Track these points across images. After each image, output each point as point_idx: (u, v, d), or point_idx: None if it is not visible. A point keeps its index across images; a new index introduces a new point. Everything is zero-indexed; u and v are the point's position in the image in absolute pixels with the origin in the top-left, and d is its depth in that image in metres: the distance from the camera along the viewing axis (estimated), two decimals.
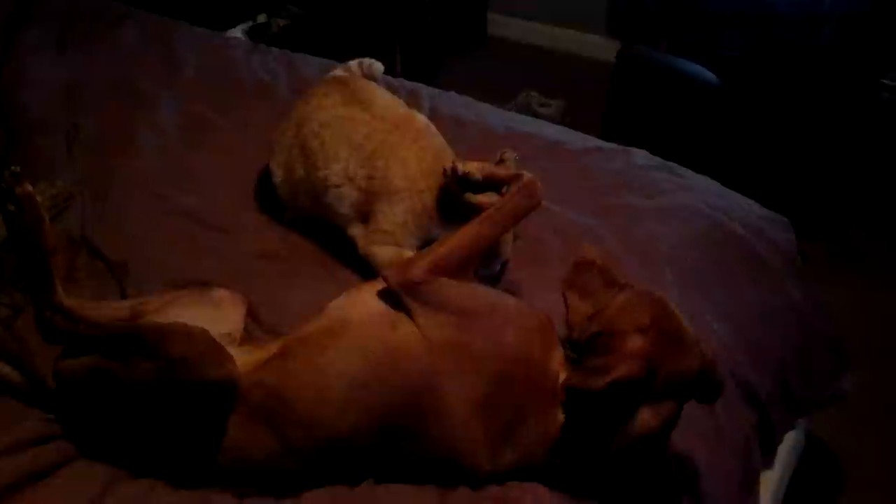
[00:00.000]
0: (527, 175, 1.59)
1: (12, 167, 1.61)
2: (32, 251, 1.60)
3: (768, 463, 1.90)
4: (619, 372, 1.28)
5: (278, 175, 1.92)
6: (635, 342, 1.32)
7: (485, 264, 1.69)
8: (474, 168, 1.64)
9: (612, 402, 1.30)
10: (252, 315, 1.69)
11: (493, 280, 1.72)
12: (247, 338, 1.59)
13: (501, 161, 2.01)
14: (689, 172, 2.16)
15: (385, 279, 1.47)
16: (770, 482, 1.93)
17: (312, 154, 1.84)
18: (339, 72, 2.08)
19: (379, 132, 1.81)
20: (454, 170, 1.65)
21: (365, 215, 1.79)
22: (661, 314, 1.37)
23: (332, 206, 1.82)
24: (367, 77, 2.06)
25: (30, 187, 1.60)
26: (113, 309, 1.61)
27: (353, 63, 2.10)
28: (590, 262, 1.48)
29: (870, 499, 2.47)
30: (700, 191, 2.09)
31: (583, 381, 1.31)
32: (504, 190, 1.60)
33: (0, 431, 1.43)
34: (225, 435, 1.39)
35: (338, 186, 1.80)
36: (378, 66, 2.10)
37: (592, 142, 2.26)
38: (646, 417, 1.33)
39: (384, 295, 1.48)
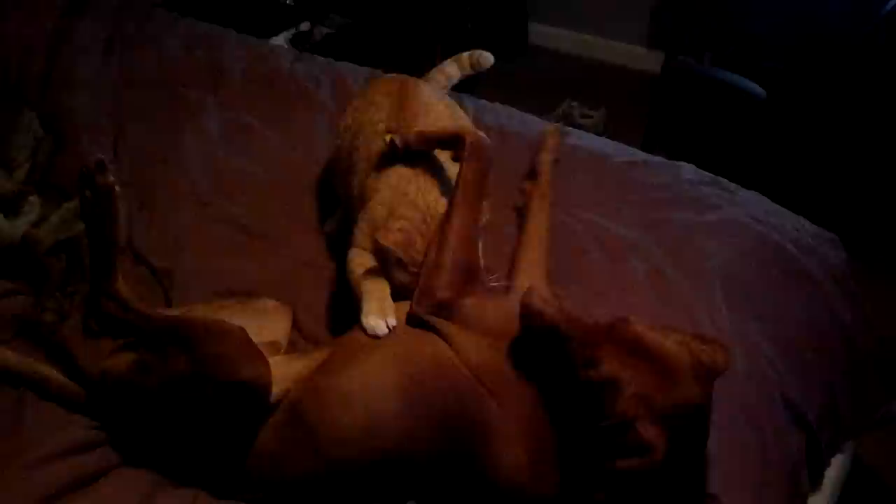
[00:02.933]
0: (468, 135, 1.58)
1: (99, 156, 1.62)
2: (101, 239, 1.60)
3: (815, 487, 1.86)
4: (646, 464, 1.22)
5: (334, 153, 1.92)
6: (647, 432, 1.22)
7: None
8: (412, 139, 1.63)
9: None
10: (295, 324, 1.68)
11: None
12: (291, 348, 1.59)
13: (544, 137, 2.07)
14: (738, 188, 2.12)
15: (412, 312, 1.45)
16: None
17: (348, 157, 1.81)
18: (448, 63, 2.11)
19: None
20: (393, 144, 1.64)
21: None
22: (646, 370, 1.26)
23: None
24: (474, 68, 2.09)
25: (112, 179, 1.60)
26: (164, 315, 1.61)
27: (465, 55, 2.11)
28: (538, 313, 1.30)
29: None
30: (749, 206, 2.05)
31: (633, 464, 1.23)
32: (453, 155, 1.61)
33: (44, 438, 1.44)
34: (265, 443, 1.39)
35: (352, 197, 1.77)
36: (487, 58, 2.11)
37: (638, 155, 2.23)
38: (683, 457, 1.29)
39: (414, 321, 1.46)
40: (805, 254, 1.98)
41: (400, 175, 1.64)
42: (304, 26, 3.70)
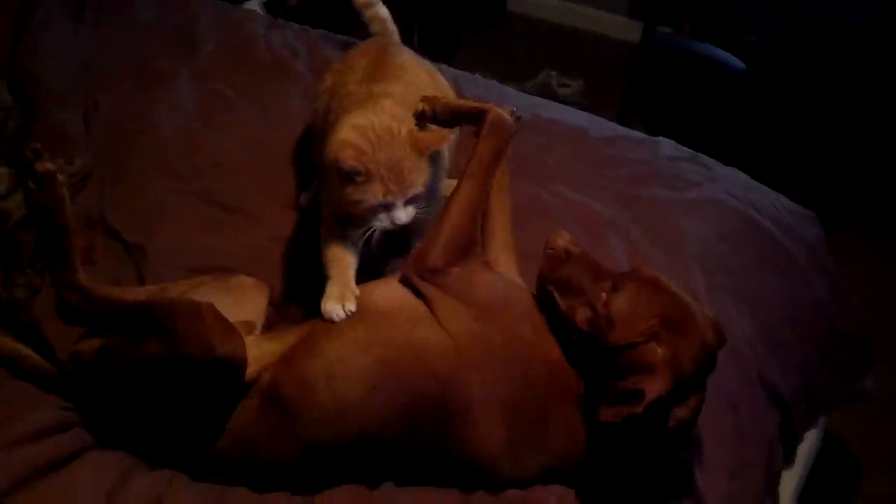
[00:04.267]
0: (491, 111, 1.56)
1: (33, 144, 1.59)
2: (52, 230, 1.59)
3: (788, 462, 1.88)
4: (652, 394, 1.24)
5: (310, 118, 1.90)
6: (655, 354, 1.27)
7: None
8: (439, 108, 1.60)
9: (647, 417, 1.26)
10: (271, 301, 1.67)
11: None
12: (268, 325, 1.57)
13: None
14: (717, 164, 2.12)
15: (404, 274, 1.46)
16: (790, 480, 1.91)
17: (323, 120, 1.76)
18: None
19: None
20: (423, 112, 1.61)
21: None
22: (665, 305, 1.32)
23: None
24: None
25: (51, 165, 1.58)
26: (133, 294, 1.59)
27: None
28: (563, 251, 1.40)
29: (887, 496, 2.45)
30: (728, 183, 2.05)
31: (618, 413, 1.26)
32: (474, 130, 1.58)
33: (18, 419, 1.41)
34: (241, 424, 1.38)
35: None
36: None
37: (618, 130, 2.22)
38: (679, 415, 1.30)
39: (405, 284, 1.47)
40: (783, 231, 1.99)
41: (352, 116, 1.59)
42: None
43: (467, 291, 1.43)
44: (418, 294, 1.44)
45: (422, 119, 1.60)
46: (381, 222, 1.52)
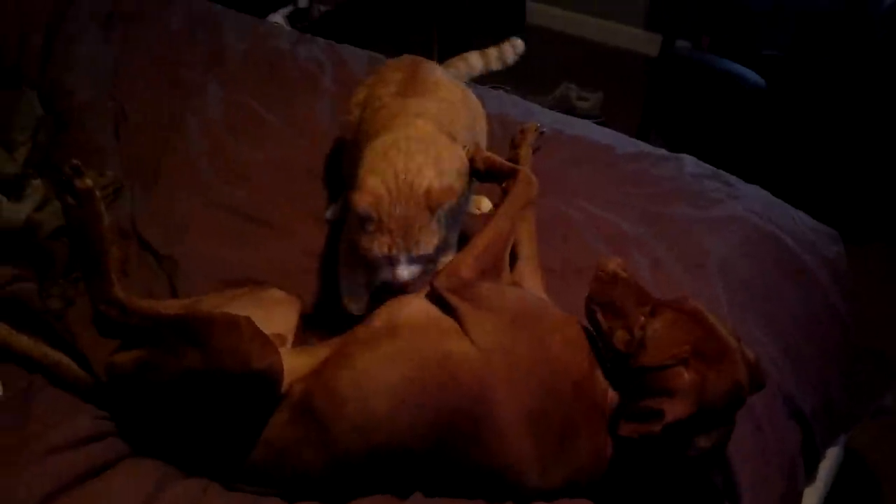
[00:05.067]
0: (523, 170, 1.65)
1: (73, 160, 1.61)
2: (90, 245, 1.61)
3: (810, 478, 1.89)
4: (671, 416, 1.26)
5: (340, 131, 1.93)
6: (681, 378, 1.29)
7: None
8: (480, 160, 1.70)
9: (666, 439, 1.28)
10: (301, 314, 1.69)
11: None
12: (298, 340, 1.59)
13: (522, 132, 2.05)
14: (739, 181, 2.14)
15: (433, 286, 1.49)
16: (811, 497, 1.92)
17: (355, 132, 1.79)
18: (473, 53, 2.15)
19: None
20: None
21: None
22: (701, 334, 1.34)
23: None
24: (504, 61, 2.16)
25: (90, 182, 1.60)
26: (167, 307, 1.61)
27: (492, 49, 2.17)
28: (613, 275, 1.43)
29: None
30: (749, 200, 2.07)
31: (636, 430, 1.29)
32: (503, 185, 1.66)
33: (55, 428, 1.43)
34: (274, 435, 1.40)
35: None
36: (517, 45, 2.21)
37: (641, 147, 2.24)
38: (700, 444, 1.32)
39: (433, 298, 1.49)
40: (804, 248, 2.00)
41: (384, 141, 1.61)
42: (303, 3, 3.67)
43: (496, 305, 1.46)
44: (446, 307, 1.47)
45: (474, 172, 1.70)
46: (384, 275, 1.53)
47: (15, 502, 1.31)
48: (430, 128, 1.62)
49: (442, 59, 2.11)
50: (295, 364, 1.44)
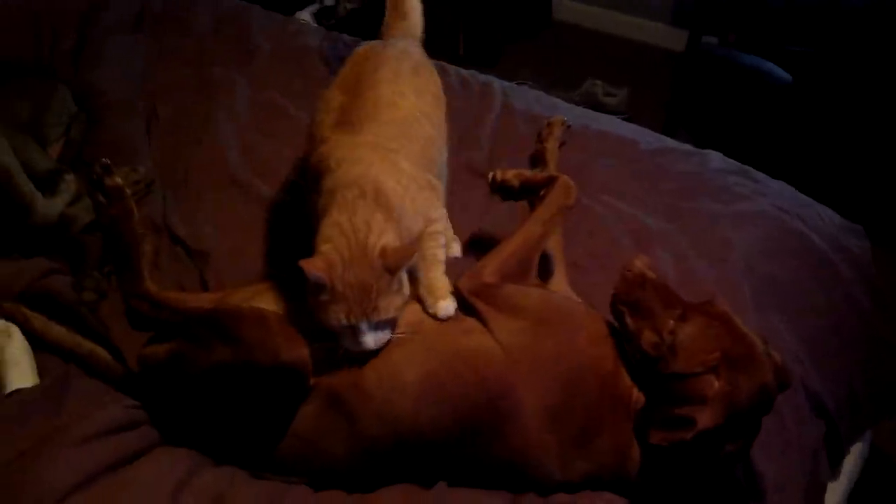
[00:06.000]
0: (561, 177, 1.63)
1: (103, 159, 1.65)
2: (120, 241, 1.64)
3: (834, 475, 1.89)
4: (702, 424, 1.28)
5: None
6: (712, 386, 1.30)
7: None
8: (511, 176, 1.69)
9: (696, 446, 1.30)
10: None
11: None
12: None
13: (549, 126, 2.06)
14: (765, 177, 2.14)
15: (457, 288, 1.50)
16: (835, 494, 1.92)
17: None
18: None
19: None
20: (494, 177, 1.70)
21: None
22: (730, 341, 1.35)
23: None
24: None
25: (120, 180, 1.64)
26: (197, 300, 1.64)
27: None
28: (640, 275, 1.43)
29: None
30: (775, 197, 2.07)
31: (666, 437, 1.31)
32: (541, 192, 1.64)
33: (88, 417, 1.47)
34: (302, 427, 1.43)
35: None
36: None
37: (667, 142, 2.24)
38: (727, 448, 1.33)
39: (457, 298, 1.51)
40: (829, 244, 2.00)
41: (330, 193, 1.49)
42: (329, 1, 3.69)
43: (520, 305, 1.48)
44: (469, 308, 1.48)
45: (506, 192, 1.70)
46: (347, 343, 1.41)
47: (49, 488, 1.35)
48: (375, 166, 1.50)
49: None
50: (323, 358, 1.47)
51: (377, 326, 1.40)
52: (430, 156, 1.65)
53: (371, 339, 1.40)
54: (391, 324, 1.43)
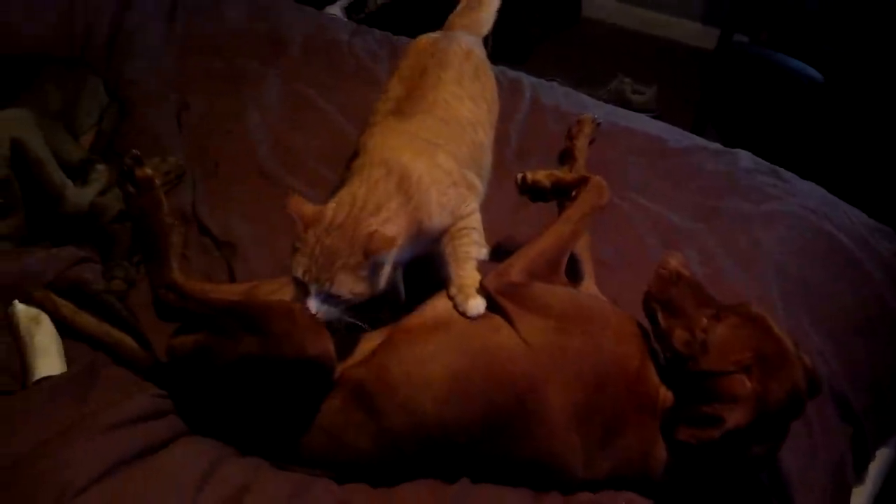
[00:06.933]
0: (593, 177, 1.62)
1: (133, 150, 1.66)
2: (149, 232, 1.66)
3: (860, 479, 1.87)
4: (731, 423, 1.27)
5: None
6: (743, 386, 1.30)
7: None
8: (542, 177, 1.67)
9: (723, 445, 1.30)
10: None
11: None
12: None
13: (579, 123, 2.04)
14: (795, 177, 2.13)
15: (483, 287, 1.49)
16: (860, 498, 1.90)
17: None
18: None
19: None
20: (524, 179, 1.68)
21: None
22: (764, 343, 1.34)
23: None
24: None
25: (149, 171, 1.65)
26: (226, 292, 1.65)
27: None
28: (674, 273, 1.42)
29: None
30: (805, 197, 2.05)
31: (694, 435, 1.31)
32: (573, 193, 1.63)
33: (116, 405, 1.48)
34: (327, 420, 1.43)
35: None
36: None
37: (696, 141, 2.24)
38: (755, 450, 1.33)
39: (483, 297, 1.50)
40: (858, 245, 1.99)
41: (360, 163, 1.53)
42: None
43: (547, 303, 1.47)
44: (495, 306, 1.48)
45: (536, 193, 1.68)
46: (296, 297, 1.42)
47: (75, 475, 1.36)
48: (409, 153, 1.52)
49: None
50: (348, 351, 1.48)
51: (327, 299, 1.38)
52: (479, 160, 1.67)
53: (314, 305, 1.38)
54: (343, 305, 1.39)
